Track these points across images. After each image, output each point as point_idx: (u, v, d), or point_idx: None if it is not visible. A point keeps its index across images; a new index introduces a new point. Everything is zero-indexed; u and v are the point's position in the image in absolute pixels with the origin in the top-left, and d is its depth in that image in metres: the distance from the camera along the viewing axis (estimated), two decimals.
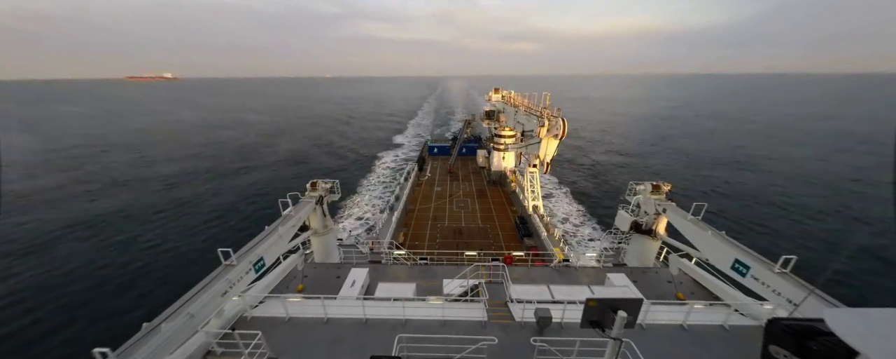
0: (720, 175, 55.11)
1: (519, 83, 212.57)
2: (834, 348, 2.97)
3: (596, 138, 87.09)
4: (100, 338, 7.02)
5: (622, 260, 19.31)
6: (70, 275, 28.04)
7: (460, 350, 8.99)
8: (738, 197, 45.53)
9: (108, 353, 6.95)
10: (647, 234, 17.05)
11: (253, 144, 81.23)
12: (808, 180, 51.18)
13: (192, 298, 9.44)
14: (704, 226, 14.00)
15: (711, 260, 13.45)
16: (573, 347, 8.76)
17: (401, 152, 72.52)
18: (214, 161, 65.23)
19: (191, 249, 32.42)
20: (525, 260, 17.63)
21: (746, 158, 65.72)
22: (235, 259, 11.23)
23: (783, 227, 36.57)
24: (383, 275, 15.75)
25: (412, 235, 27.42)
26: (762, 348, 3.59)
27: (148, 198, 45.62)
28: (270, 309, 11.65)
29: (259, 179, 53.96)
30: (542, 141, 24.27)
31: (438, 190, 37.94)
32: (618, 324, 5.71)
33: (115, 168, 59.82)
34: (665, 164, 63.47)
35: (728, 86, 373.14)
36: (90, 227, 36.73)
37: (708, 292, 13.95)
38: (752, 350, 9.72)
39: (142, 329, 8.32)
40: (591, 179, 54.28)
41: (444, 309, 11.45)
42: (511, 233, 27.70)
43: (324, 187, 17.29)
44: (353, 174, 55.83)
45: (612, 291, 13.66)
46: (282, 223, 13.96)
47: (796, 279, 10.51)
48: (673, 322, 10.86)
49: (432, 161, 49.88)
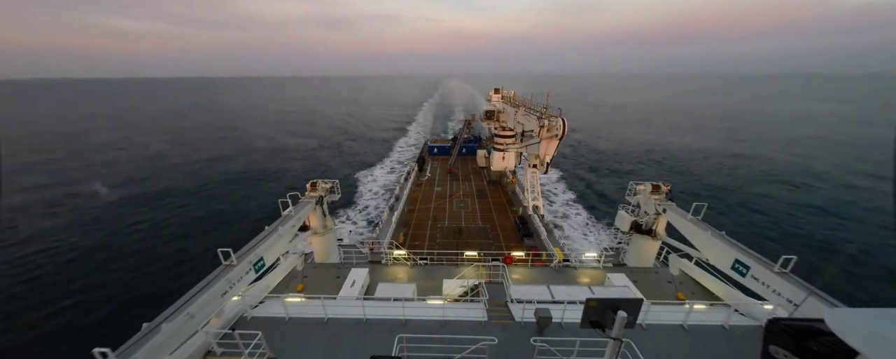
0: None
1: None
2: (834, 348, 2.97)
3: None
4: (100, 338, 7.05)
5: (622, 260, 19.31)
6: (70, 275, 28.06)
7: (460, 350, 8.98)
8: (739, 197, 45.56)
9: (108, 353, 6.95)
10: (647, 234, 17.06)
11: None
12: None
13: (192, 298, 9.44)
14: (704, 226, 14.01)
15: (711, 260, 13.45)
16: (573, 347, 8.75)
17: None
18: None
19: (190, 251, 32.45)
20: (525, 260, 17.63)
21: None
22: (235, 259, 11.24)
23: (783, 227, 36.61)
24: (383, 275, 15.75)
25: (412, 235, 27.41)
26: (762, 348, 3.59)
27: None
28: (270, 309, 11.65)
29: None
30: (543, 141, 24.27)
31: (438, 190, 37.93)
32: (618, 324, 5.71)
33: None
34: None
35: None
36: (90, 226, 36.81)
37: (708, 292, 13.96)
38: (752, 350, 9.71)
39: (142, 329, 8.33)
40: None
41: (444, 309, 11.45)
42: (511, 233, 27.68)
43: (324, 187, 17.30)
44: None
45: (612, 291, 13.67)
46: (282, 223, 13.97)
47: (796, 279, 10.51)
48: (673, 322, 10.86)
49: (432, 161, 49.87)
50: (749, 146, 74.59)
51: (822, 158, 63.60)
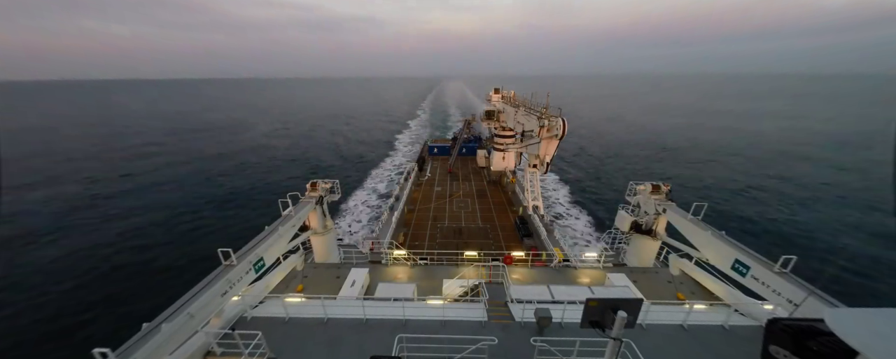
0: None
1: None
2: (834, 348, 2.97)
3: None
4: (100, 338, 7.01)
5: (622, 260, 19.30)
6: (69, 274, 28.05)
7: (460, 350, 8.98)
8: (738, 197, 45.56)
9: (108, 353, 6.95)
10: (647, 234, 17.05)
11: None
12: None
13: (192, 298, 9.44)
14: (704, 226, 14.01)
15: (711, 260, 13.46)
16: (573, 347, 8.75)
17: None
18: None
19: (191, 248, 32.43)
20: (525, 260, 17.62)
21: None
22: (235, 259, 11.24)
23: (783, 226, 36.60)
24: (383, 275, 15.75)
25: (412, 235, 27.39)
26: (762, 348, 3.60)
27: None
28: (270, 309, 11.65)
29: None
30: (543, 141, 24.27)
31: (438, 190, 37.91)
32: (618, 324, 5.71)
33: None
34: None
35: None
36: (88, 228, 36.78)
37: (708, 292, 13.96)
38: (752, 350, 9.71)
39: (142, 329, 8.33)
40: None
41: (444, 309, 11.45)
42: (511, 233, 27.67)
43: (324, 187, 17.29)
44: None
45: (612, 291, 13.67)
46: (282, 223, 13.96)
47: (796, 279, 10.51)
48: (673, 322, 10.85)
49: (432, 161, 49.86)
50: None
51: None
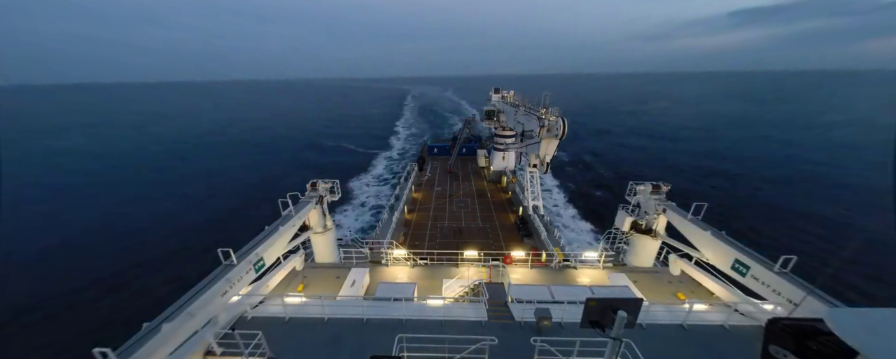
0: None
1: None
2: (834, 347, 2.98)
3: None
4: (100, 338, 6.99)
5: (622, 260, 19.29)
6: (68, 274, 28.04)
7: (460, 350, 8.98)
8: (739, 197, 45.55)
9: (108, 353, 6.96)
10: (647, 234, 17.05)
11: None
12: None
13: (192, 298, 9.45)
14: (704, 226, 14.00)
15: (711, 260, 13.46)
16: (573, 347, 8.75)
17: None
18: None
19: (190, 249, 32.42)
20: (525, 260, 17.63)
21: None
22: (235, 259, 11.24)
23: (783, 226, 36.60)
24: (383, 275, 15.76)
25: (412, 235, 27.39)
26: (762, 348, 3.60)
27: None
28: (270, 309, 11.65)
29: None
30: (543, 141, 24.25)
31: (438, 190, 37.90)
32: (618, 324, 5.70)
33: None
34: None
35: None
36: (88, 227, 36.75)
37: (708, 292, 13.96)
38: (752, 350, 9.71)
39: (142, 329, 8.34)
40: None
41: (444, 309, 11.45)
42: (511, 233, 27.66)
43: (324, 187, 17.28)
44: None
45: (612, 291, 13.67)
46: (282, 223, 13.96)
47: (796, 279, 10.51)
48: (673, 322, 10.85)
49: (432, 161, 49.83)
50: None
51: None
